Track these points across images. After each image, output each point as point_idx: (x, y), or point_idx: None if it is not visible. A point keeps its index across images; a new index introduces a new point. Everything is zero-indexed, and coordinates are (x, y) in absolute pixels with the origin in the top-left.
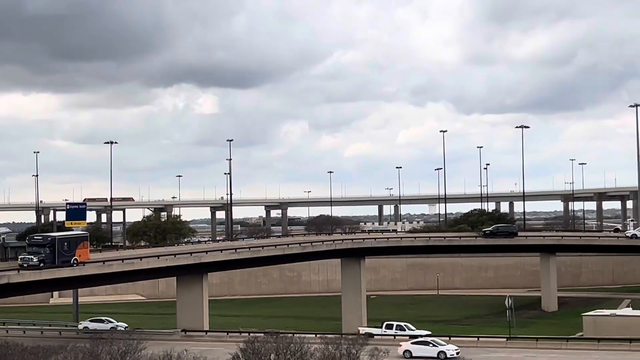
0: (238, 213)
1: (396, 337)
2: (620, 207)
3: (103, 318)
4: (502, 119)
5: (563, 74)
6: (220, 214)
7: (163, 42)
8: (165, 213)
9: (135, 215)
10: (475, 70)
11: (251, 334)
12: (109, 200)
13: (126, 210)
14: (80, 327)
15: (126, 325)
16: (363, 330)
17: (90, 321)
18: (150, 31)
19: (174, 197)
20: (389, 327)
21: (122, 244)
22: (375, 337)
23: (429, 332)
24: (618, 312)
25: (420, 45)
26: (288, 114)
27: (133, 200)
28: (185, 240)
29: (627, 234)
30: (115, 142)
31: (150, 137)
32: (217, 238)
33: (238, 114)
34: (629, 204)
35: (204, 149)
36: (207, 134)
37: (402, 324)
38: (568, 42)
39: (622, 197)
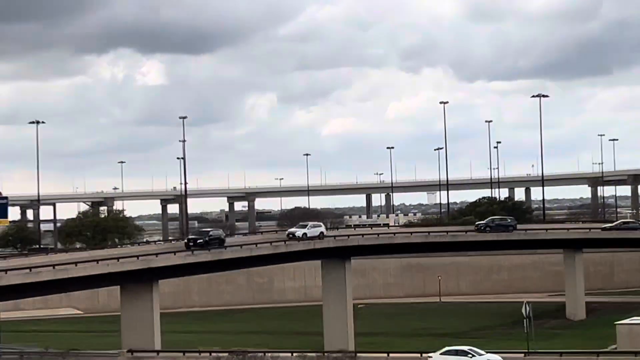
0: (195, 206)
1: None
2: None
3: (465, 348)
4: (513, 86)
5: (586, 31)
6: (173, 208)
7: None
8: (106, 208)
9: (69, 211)
10: (479, 28)
11: (213, 354)
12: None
13: (57, 205)
14: None
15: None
16: None
17: (442, 354)
18: None
19: (115, 188)
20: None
21: (52, 246)
22: None
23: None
24: None
25: None
26: (252, 85)
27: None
28: (131, 241)
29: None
30: (42, 122)
31: (85, 114)
32: (170, 237)
33: (191, 85)
34: None
35: (151, 128)
36: (154, 111)
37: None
38: None
39: None
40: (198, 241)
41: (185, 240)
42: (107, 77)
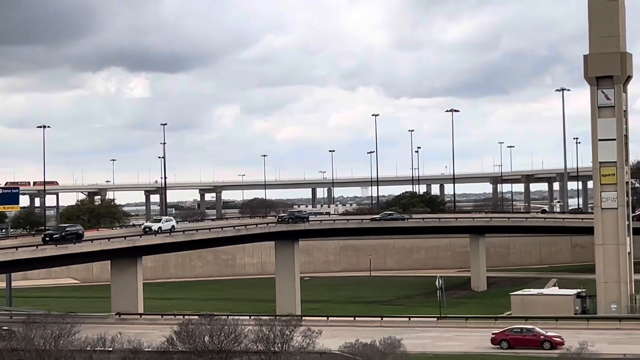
0: (172, 196)
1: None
2: (547, 189)
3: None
4: (431, 102)
5: (489, 59)
6: (155, 198)
7: (92, 26)
8: (100, 197)
9: (69, 200)
10: (403, 55)
11: (185, 317)
12: (32, 184)
13: (60, 194)
14: None
15: None
16: None
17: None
18: (79, 14)
19: (108, 181)
20: None
21: None
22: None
23: None
24: (545, 291)
25: (350, 29)
26: (220, 98)
27: (57, 184)
28: (120, 224)
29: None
30: (48, 127)
31: (83, 121)
32: None
33: (170, 98)
34: (556, 185)
35: (137, 133)
36: (140, 118)
37: None
38: (493, 26)
39: (548, 179)
40: (54, 236)
41: (42, 235)
42: (101, 91)
